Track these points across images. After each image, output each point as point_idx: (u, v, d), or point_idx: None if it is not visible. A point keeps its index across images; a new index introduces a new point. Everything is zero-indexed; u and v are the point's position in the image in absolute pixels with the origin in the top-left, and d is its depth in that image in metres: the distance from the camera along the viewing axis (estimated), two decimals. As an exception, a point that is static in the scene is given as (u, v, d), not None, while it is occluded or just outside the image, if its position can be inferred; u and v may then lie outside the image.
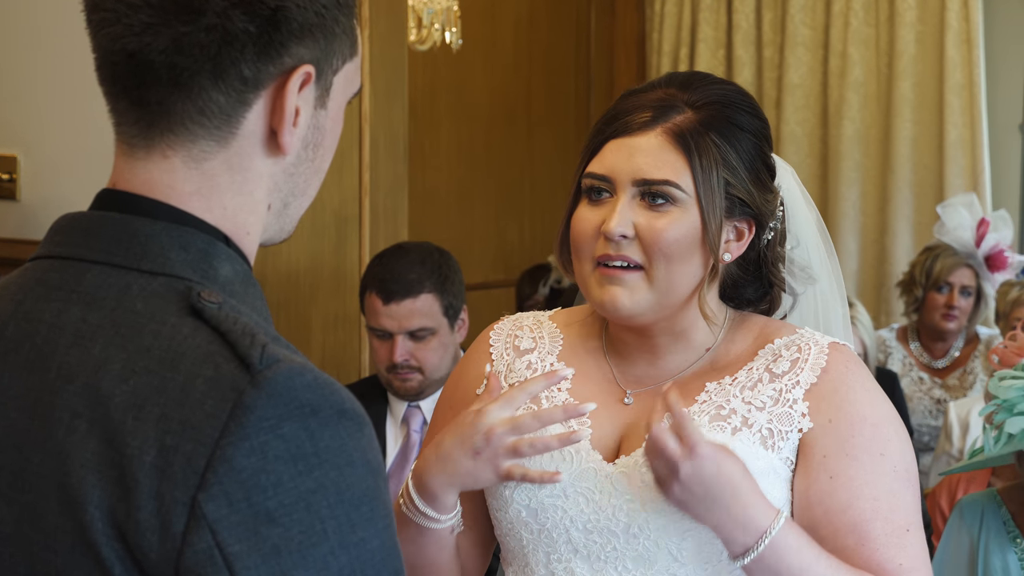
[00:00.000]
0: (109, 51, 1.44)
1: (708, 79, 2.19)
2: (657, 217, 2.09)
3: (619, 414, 2.18)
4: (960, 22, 6.83)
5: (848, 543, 2.07)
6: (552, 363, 2.24)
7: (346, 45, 1.52)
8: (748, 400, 2.12)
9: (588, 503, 2.11)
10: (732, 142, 2.12)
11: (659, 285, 2.10)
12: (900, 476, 2.10)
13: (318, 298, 4.88)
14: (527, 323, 2.33)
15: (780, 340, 2.18)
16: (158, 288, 1.41)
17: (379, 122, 4.97)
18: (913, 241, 6.94)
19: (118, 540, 1.33)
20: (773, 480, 2.09)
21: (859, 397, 2.12)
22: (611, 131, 2.14)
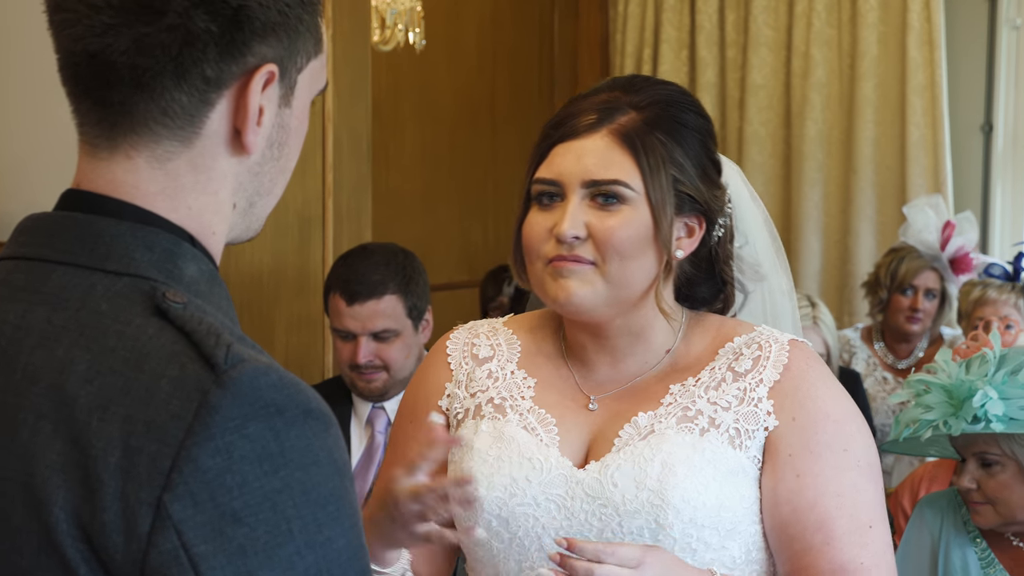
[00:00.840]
0: (71, 52, 1.44)
1: (650, 81, 2.21)
2: (608, 216, 2.10)
3: (585, 420, 2.18)
4: (922, 23, 6.86)
5: (815, 542, 2.09)
6: (512, 371, 2.24)
7: (310, 43, 1.52)
8: (714, 400, 2.13)
9: (560, 510, 2.12)
10: (678, 140, 2.14)
11: (613, 279, 2.11)
12: (863, 471, 2.12)
13: (281, 299, 4.87)
14: (483, 330, 2.32)
15: (739, 338, 2.19)
16: (123, 288, 1.41)
17: (343, 122, 4.96)
18: (876, 241, 6.96)
19: (83, 541, 1.33)
20: (743, 480, 2.10)
21: (821, 394, 2.13)
22: (557, 136, 2.15)
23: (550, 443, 2.15)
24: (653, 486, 2.06)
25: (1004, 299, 5.27)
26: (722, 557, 2.10)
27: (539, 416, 2.18)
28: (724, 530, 2.08)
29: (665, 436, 2.10)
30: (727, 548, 2.10)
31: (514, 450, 2.15)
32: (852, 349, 5.64)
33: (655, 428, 2.12)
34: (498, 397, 2.22)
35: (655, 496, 2.06)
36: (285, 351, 4.81)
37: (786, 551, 2.12)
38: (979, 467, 3.20)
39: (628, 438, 2.12)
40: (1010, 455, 3.16)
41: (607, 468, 2.10)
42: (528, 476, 2.13)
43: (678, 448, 2.08)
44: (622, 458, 2.10)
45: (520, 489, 2.13)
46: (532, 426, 2.17)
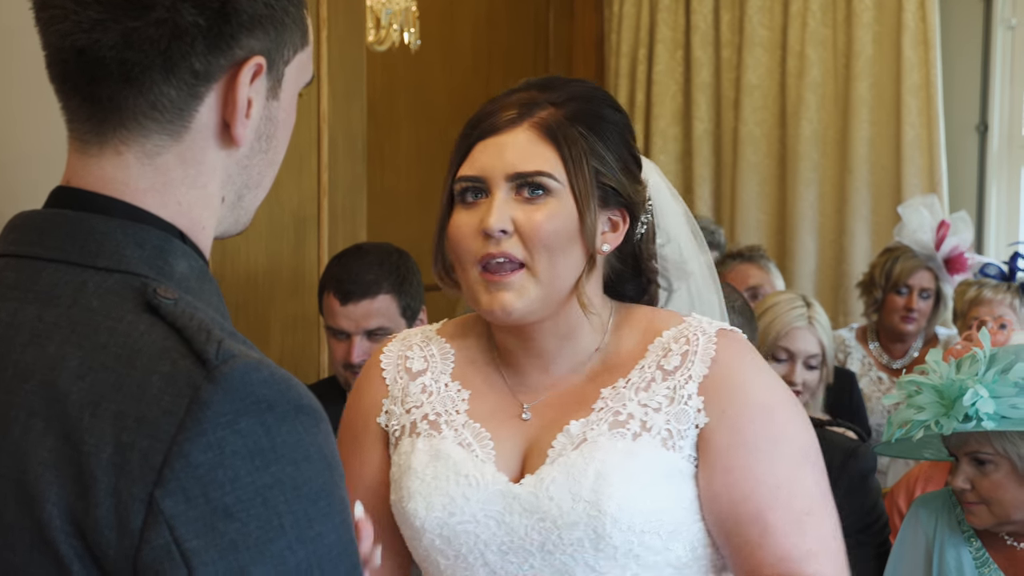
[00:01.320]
0: (59, 48, 1.44)
1: (566, 80, 2.21)
2: (535, 210, 2.10)
3: (519, 431, 2.17)
4: (917, 23, 6.86)
5: (752, 535, 2.08)
6: (447, 383, 2.23)
7: (297, 35, 1.52)
8: (644, 403, 2.12)
9: (500, 526, 2.11)
10: (598, 133, 2.14)
11: (543, 279, 2.10)
12: (798, 459, 2.11)
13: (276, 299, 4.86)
14: (416, 341, 2.31)
15: (668, 332, 2.18)
16: (114, 285, 1.41)
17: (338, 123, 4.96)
18: (871, 241, 6.96)
19: (76, 537, 1.33)
20: (679, 480, 2.10)
21: (751, 384, 2.12)
22: (478, 133, 2.16)
23: (486, 459, 2.14)
24: (588, 497, 2.06)
25: (999, 299, 5.27)
26: (667, 558, 2.09)
27: (474, 431, 2.17)
28: (666, 532, 2.08)
29: (597, 444, 2.09)
30: (671, 549, 2.09)
31: (450, 468, 2.14)
32: (847, 349, 5.64)
33: (587, 436, 2.10)
34: (432, 413, 2.21)
35: (591, 507, 2.05)
36: (280, 351, 4.81)
37: (728, 545, 2.11)
38: (972, 467, 3.21)
39: (561, 448, 2.11)
40: (1003, 454, 3.16)
41: (542, 482, 2.09)
42: (465, 494, 2.12)
43: (611, 456, 2.07)
44: (556, 470, 2.09)
45: (459, 507, 2.12)
46: (467, 442, 2.16)
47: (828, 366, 4.50)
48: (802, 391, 4.41)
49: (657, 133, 7.45)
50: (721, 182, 7.41)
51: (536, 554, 2.09)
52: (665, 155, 7.43)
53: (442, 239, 2.18)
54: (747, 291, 5.25)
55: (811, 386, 4.44)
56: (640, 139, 7.43)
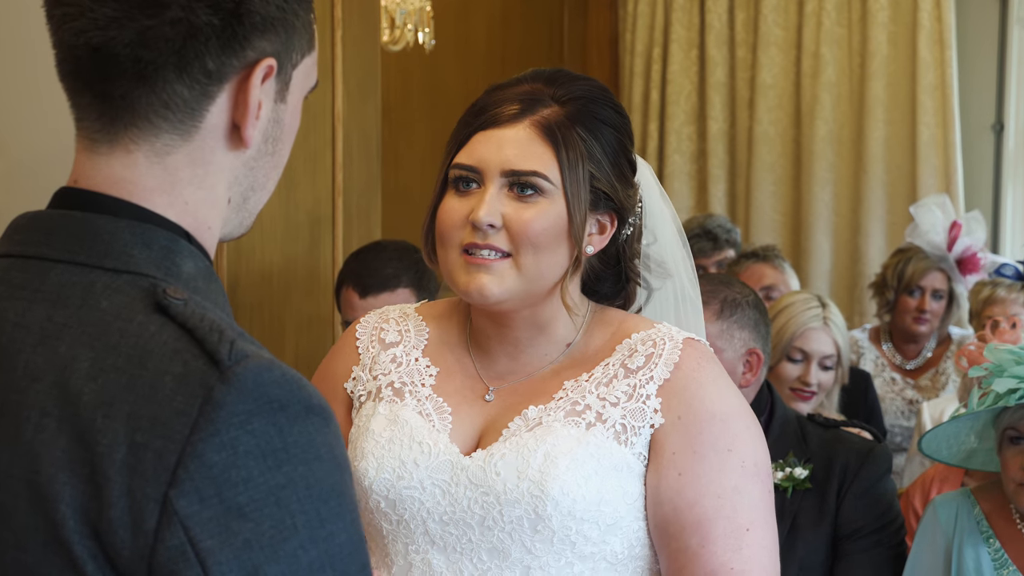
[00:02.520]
0: (72, 46, 1.45)
1: (573, 76, 2.22)
2: (525, 208, 2.12)
3: (480, 410, 2.21)
4: (932, 22, 6.85)
5: (692, 543, 2.10)
6: (417, 358, 2.27)
7: (304, 39, 1.54)
8: (603, 396, 2.15)
9: (444, 495, 2.14)
10: (597, 136, 2.16)
11: (527, 273, 2.14)
12: (748, 472, 2.12)
13: (291, 299, 4.87)
14: (393, 316, 2.36)
15: (637, 335, 2.20)
16: (122, 286, 1.41)
17: (352, 123, 4.96)
18: (886, 241, 6.95)
19: (90, 538, 1.33)
20: (627, 476, 2.12)
21: (708, 393, 2.14)
22: (479, 123, 2.17)
23: (441, 429, 2.18)
24: (534, 476, 2.08)
25: (1013, 298, 5.26)
26: (603, 551, 2.11)
27: (436, 404, 2.21)
28: (605, 524, 2.10)
29: (551, 428, 2.12)
30: (608, 542, 2.11)
31: (406, 433, 2.17)
32: (860, 350, 5.63)
33: (543, 420, 2.14)
34: (398, 381, 2.25)
35: (535, 487, 2.08)
36: (295, 351, 4.82)
37: (665, 549, 2.13)
38: None
39: (516, 429, 2.14)
40: None
41: (492, 457, 2.12)
42: (416, 460, 2.15)
43: (562, 441, 2.10)
44: (507, 448, 2.12)
45: (408, 472, 2.15)
46: (427, 412, 2.20)
47: (843, 366, 4.50)
48: (817, 392, 4.40)
49: (671, 132, 7.45)
50: (736, 182, 7.41)
51: (476, 528, 2.12)
52: (679, 155, 7.43)
53: (433, 220, 2.19)
54: (761, 291, 5.24)
55: (826, 386, 4.44)
56: (654, 138, 7.43)
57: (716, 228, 5.99)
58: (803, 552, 3.38)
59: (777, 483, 3.40)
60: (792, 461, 3.43)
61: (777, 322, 4.36)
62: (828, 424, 3.57)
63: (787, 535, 3.37)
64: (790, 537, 3.38)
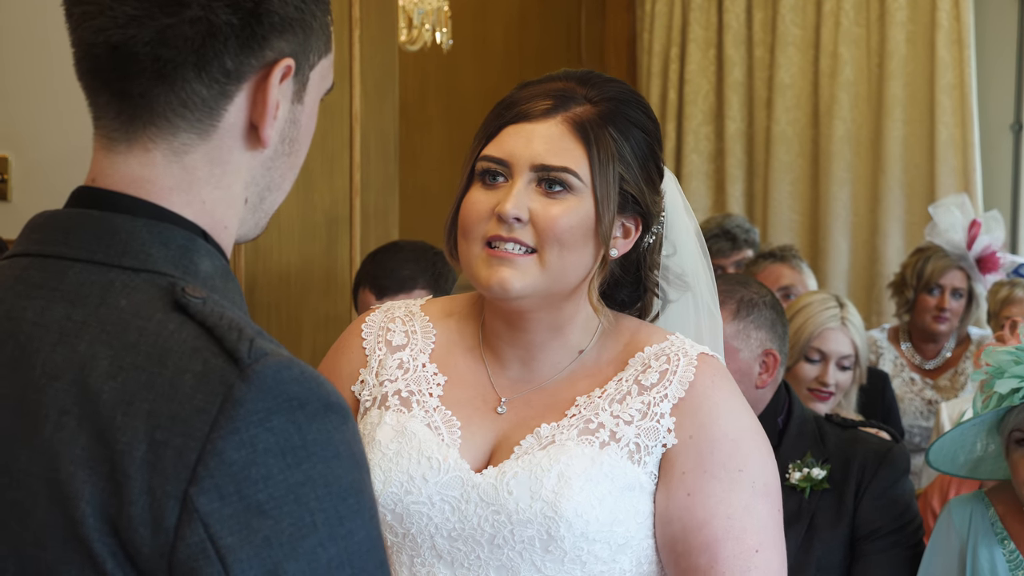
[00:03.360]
0: (91, 44, 1.45)
1: (605, 77, 2.20)
2: (553, 204, 2.09)
3: (492, 424, 2.18)
4: (951, 22, 6.84)
5: (701, 563, 2.08)
6: (424, 363, 2.23)
7: (322, 41, 1.54)
8: (616, 414, 2.12)
9: (454, 512, 2.11)
10: (628, 138, 2.13)
11: (551, 270, 2.10)
12: (758, 492, 2.11)
13: (309, 298, 4.88)
14: (399, 315, 2.30)
15: (650, 348, 2.18)
16: (141, 284, 1.42)
17: (370, 122, 4.97)
18: (904, 241, 6.94)
19: (110, 535, 1.34)
20: (639, 495, 2.10)
21: (722, 413, 2.12)
22: (510, 116, 2.14)
23: (451, 444, 2.14)
24: (547, 497, 2.06)
25: (1032, 298, 5.26)
26: (612, 569, 2.10)
27: (444, 416, 2.17)
28: (616, 544, 2.08)
29: (564, 448, 2.09)
30: (617, 561, 2.09)
31: (414, 447, 2.14)
32: (879, 350, 5.61)
33: (556, 439, 2.11)
34: (405, 390, 2.20)
35: (548, 508, 2.06)
36: (312, 350, 4.82)
37: (674, 567, 2.11)
38: None
39: (528, 447, 2.12)
40: None
41: (504, 475, 2.09)
42: (425, 475, 2.12)
43: (576, 460, 2.08)
44: (519, 466, 2.09)
45: (416, 487, 2.12)
46: (436, 424, 2.16)
47: (861, 367, 4.49)
48: (835, 392, 4.40)
49: (689, 132, 7.45)
50: (753, 181, 7.40)
51: (485, 546, 2.10)
52: (697, 154, 7.43)
53: (456, 213, 2.17)
54: (779, 291, 5.23)
55: (844, 387, 4.43)
56: (672, 138, 7.43)
57: (735, 228, 5.98)
58: (820, 552, 3.38)
59: (795, 483, 3.39)
60: (810, 461, 3.42)
61: (795, 322, 4.35)
62: (846, 424, 3.57)
63: (804, 535, 3.37)
64: (807, 537, 3.37)
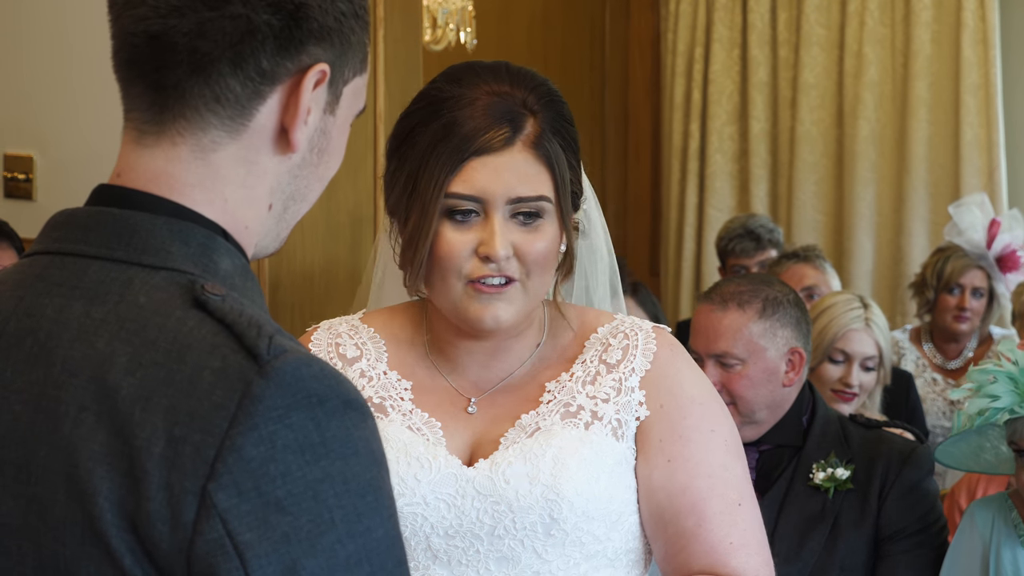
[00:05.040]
0: (131, 33, 1.46)
1: (523, 71, 2.17)
2: (533, 236, 2.10)
3: (466, 424, 2.18)
4: (976, 21, 6.83)
5: (688, 524, 2.12)
6: (385, 371, 2.21)
7: (358, 58, 1.55)
8: (592, 395, 2.15)
9: (450, 509, 2.10)
10: (568, 140, 2.15)
11: (533, 294, 2.13)
12: (731, 450, 2.17)
13: (333, 299, 4.88)
14: (343, 329, 2.28)
15: (603, 329, 2.21)
16: (160, 282, 1.42)
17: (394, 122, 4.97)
18: (929, 241, 6.93)
19: (128, 531, 1.34)
20: (625, 469, 2.14)
21: (686, 379, 2.18)
22: (471, 150, 2.09)
23: (436, 442, 2.14)
24: (547, 480, 2.07)
25: (1057, 300, 5.24)
26: (605, 548, 2.12)
27: (422, 418, 2.17)
28: (611, 521, 2.11)
29: (552, 432, 2.11)
30: (611, 539, 2.12)
31: (400, 450, 2.13)
32: (901, 351, 5.60)
33: (540, 425, 2.13)
34: (376, 396, 2.19)
35: (549, 491, 2.07)
36: (336, 350, 4.82)
37: (661, 536, 2.14)
38: None
39: (515, 437, 2.13)
40: None
41: (497, 465, 2.10)
42: (416, 475, 2.11)
43: (567, 442, 2.10)
44: (512, 455, 2.10)
45: (408, 489, 2.11)
46: (417, 426, 2.16)
47: (885, 367, 4.48)
48: (859, 393, 4.39)
49: (713, 132, 7.44)
50: (778, 181, 7.40)
51: (484, 539, 2.10)
52: (721, 154, 7.42)
53: (423, 251, 2.11)
54: (803, 291, 5.22)
55: (868, 388, 4.42)
56: (696, 138, 7.42)
57: (759, 228, 5.97)
58: (844, 553, 3.37)
59: (819, 484, 3.39)
60: (834, 462, 3.42)
61: (819, 323, 4.34)
62: (870, 424, 3.56)
63: (828, 535, 3.36)
64: (831, 537, 3.37)
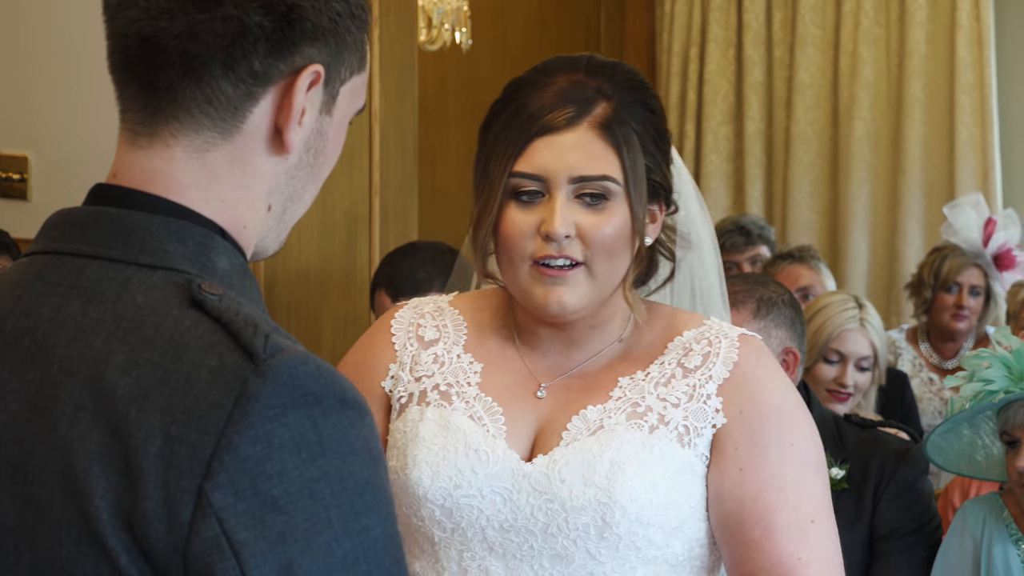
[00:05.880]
0: (124, 35, 1.46)
1: (607, 62, 2.17)
2: (597, 216, 2.09)
3: (533, 408, 2.17)
4: (971, 21, 6.83)
5: (754, 535, 2.08)
6: (459, 355, 2.22)
7: (355, 57, 1.54)
8: (663, 397, 2.12)
9: (505, 503, 2.10)
10: (647, 127, 2.13)
11: (600, 280, 2.10)
12: (809, 465, 2.11)
13: (328, 298, 4.88)
14: (428, 310, 2.29)
15: (689, 332, 2.17)
16: (158, 281, 1.42)
17: (389, 122, 4.98)
18: (924, 241, 6.92)
19: (124, 530, 1.34)
20: (690, 478, 2.10)
21: (768, 387, 2.13)
22: (535, 130, 2.10)
23: (497, 434, 2.13)
24: (601, 483, 2.06)
25: (1052, 299, 5.24)
26: (666, 554, 2.09)
27: (485, 404, 2.16)
28: (669, 528, 2.08)
29: (614, 432, 2.09)
30: (671, 545, 2.09)
31: (460, 440, 2.12)
32: (897, 351, 5.60)
33: (604, 423, 2.10)
34: (444, 383, 2.19)
35: (603, 494, 2.05)
36: (332, 350, 4.83)
37: (729, 544, 2.11)
38: None
39: (576, 432, 2.11)
40: None
41: (555, 463, 2.09)
42: (474, 467, 2.11)
43: (627, 445, 2.07)
44: (570, 453, 2.09)
45: (466, 480, 2.11)
46: (479, 415, 2.15)
47: (880, 367, 4.48)
48: (854, 393, 4.39)
49: (708, 132, 7.44)
50: (773, 181, 7.40)
51: (538, 535, 2.09)
52: (716, 154, 7.42)
53: (486, 232, 2.15)
54: (798, 292, 5.22)
55: (863, 388, 4.42)
56: (691, 138, 7.42)
57: (748, 224, 5.96)
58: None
59: (813, 483, 3.40)
60: (828, 461, 3.42)
61: (813, 323, 4.34)
62: (865, 424, 3.57)
63: (824, 535, 3.37)
64: (827, 537, 3.38)
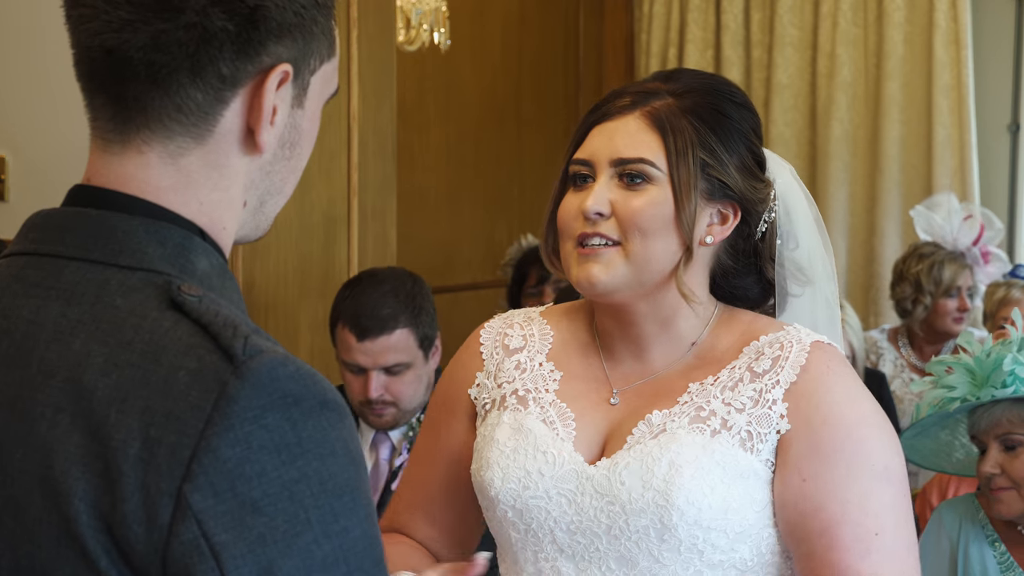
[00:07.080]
0: (87, 47, 1.45)
1: (696, 73, 2.25)
2: (633, 195, 2.14)
3: (605, 414, 2.20)
4: (948, 22, 6.84)
5: (817, 548, 2.07)
6: (541, 362, 2.27)
7: (324, 45, 1.53)
8: (728, 401, 2.12)
9: (571, 505, 2.14)
10: (712, 126, 2.15)
11: (635, 259, 2.13)
12: (877, 477, 2.08)
13: (306, 299, 4.87)
14: (518, 320, 2.35)
15: (765, 337, 2.17)
16: (137, 283, 1.42)
17: (368, 123, 4.97)
18: (902, 242, 6.94)
19: (104, 532, 1.33)
20: (754, 483, 2.09)
21: (837, 397, 2.11)
22: (594, 118, 2.21)
23: (566, 437, 2.17)
24: (659, 486, 2.07)
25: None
26: (732, 559, 2.09)
27: (559, 410, 2.20)
28: (733, 532, 2.08)
29: (675, 436, 2.10)
30: (736, 550, 2.09)
31: (530, 442, 2.18)
32: (879, 351, 5.62)
33: (667, 427, 2.12)
34: (522, 389, 2.24)
35: (660, 496, 2.06)
36: (310, 351, 4.82)
37: (796, 552, 2.11)
38: (1002, 451, 3.23)
39: (640, 436, 2.13)
40: None
41: (616, 466, 2.11)
42: (541, 469, 2.16)
43: (687, 449, 2.08)
44: (631, 456, 2.11)
45: (533, 482, 2.16)
46: (551, 419, 2.19)
47: (859, 368, 4.49)
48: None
49: (687, 133, 7.44)
50: (751, 182, 7.40)
51: (603, 537, 2.12)
52: (695, 155, 7.42)
53: (553, 219, 2.23)
54: (777, 291, 5.23)
55: (841, 387, 4.42)
56: (670, 139, 7.41)
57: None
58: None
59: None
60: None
61: (792, 323, 4.34)
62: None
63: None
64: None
